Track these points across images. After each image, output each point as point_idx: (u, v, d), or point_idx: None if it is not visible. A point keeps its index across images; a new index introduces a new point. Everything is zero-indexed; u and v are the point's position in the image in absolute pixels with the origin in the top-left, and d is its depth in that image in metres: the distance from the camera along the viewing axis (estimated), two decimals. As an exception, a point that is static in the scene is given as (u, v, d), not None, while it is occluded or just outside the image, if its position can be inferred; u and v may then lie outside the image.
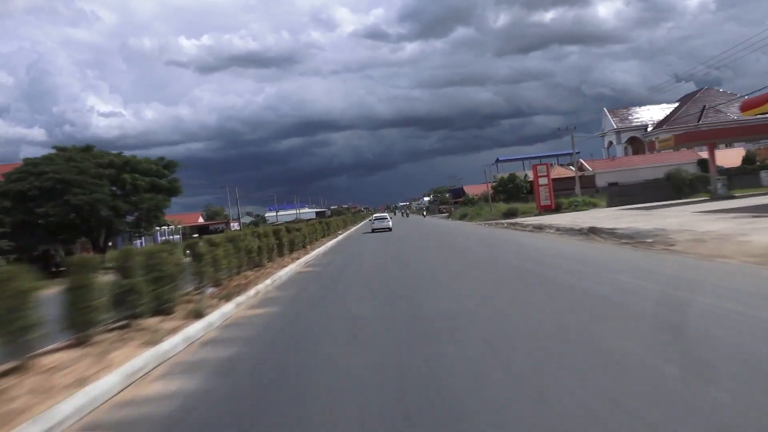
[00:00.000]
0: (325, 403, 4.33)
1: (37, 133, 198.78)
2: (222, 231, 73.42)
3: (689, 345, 4.97)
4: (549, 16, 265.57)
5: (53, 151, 28.45)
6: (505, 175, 63.26)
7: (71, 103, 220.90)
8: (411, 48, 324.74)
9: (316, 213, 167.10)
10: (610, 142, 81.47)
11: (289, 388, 4.81)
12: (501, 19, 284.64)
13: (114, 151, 29.46)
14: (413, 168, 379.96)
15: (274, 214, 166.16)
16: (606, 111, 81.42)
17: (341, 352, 5.96)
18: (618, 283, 8.92)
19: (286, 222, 57.09)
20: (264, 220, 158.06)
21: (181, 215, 76.51)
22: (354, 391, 4.53)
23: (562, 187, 60.56)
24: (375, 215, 55.30)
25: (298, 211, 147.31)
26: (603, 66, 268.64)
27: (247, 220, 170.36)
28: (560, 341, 5.47)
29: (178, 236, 69.05)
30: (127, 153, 30.38)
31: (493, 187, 62.28)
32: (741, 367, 4.23)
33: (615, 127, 79.45)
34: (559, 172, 63.75)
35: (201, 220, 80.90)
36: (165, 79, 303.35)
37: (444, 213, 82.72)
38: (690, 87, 76.14)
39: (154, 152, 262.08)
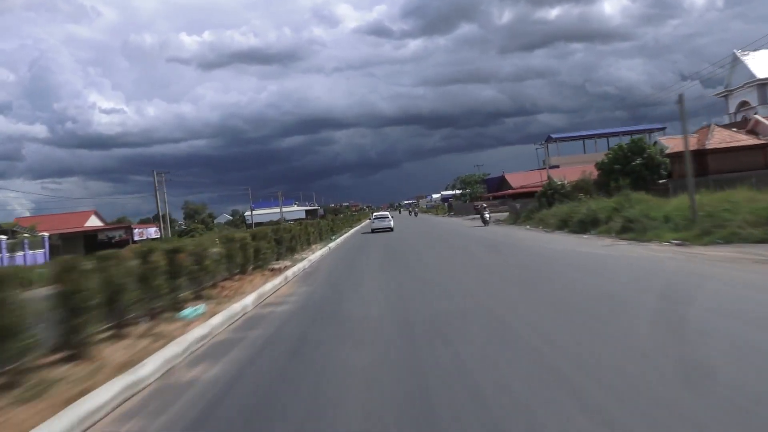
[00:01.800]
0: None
1: (39, 130, 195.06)
2: (117, 243, 43.40)
3: None
4: (554, 12, 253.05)
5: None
6: (622, 145, 33.00)
7: (73, 100, 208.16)
8: (414, 45, 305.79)
9: (307, 212, 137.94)
10: (744, 103, 51.40)
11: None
12: (505, 15, 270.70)
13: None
14: (417, 166, 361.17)
15: (257, 212, 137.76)
16: (738, 55, 51.21)
17: None
18: None
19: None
20: (243, 220, 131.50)
21: (65, 215, 46.37)
22: None
23: (736, 163, 30.68)
24: (375, 214, 47.93)
25: (281, 210, 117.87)
26: (608, 64, 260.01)
27: (223, 219, 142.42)
28: None
29: (35, 253, 39.02)
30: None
31: (601, 166, 32.25)
32: None
33: (756, 77, 49.29)
34: (722, 137, 33.50)
35: (96, 221, 50.31)
36: (166, 76, 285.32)
37: (486, 213, 52.37)
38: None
39: (157, 150, 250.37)
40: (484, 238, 23.57)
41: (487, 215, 30.64)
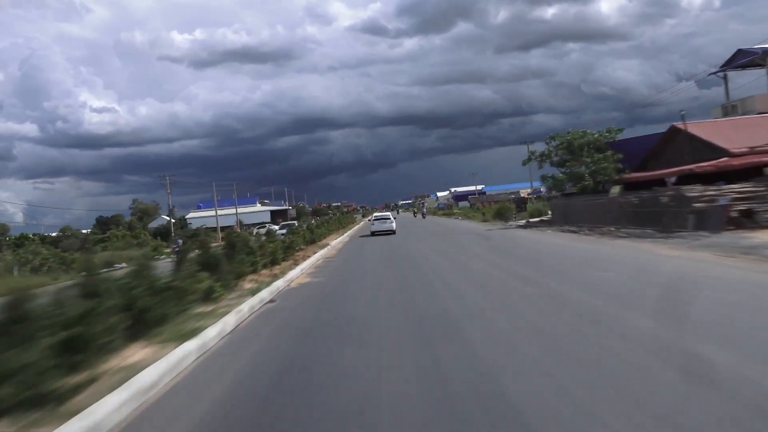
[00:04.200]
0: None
1: (29, 129, 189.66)
2: None
3: None
4: (551, 11, 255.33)
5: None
6: None
7: (63, 99, 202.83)
8: (410, 44, 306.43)
9: (273, 213, 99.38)
10: None
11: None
12: (501, 14, 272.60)
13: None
14: (414, 167, 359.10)
15: (201, 215, 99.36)
16: None
17: None
18: None
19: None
20: (183, 225, 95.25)
21: None
22: None
23: None
24: (375, 215, 39.70)
25: (216, 211, 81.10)
26: (605, 64, 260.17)
27: (154, 224, 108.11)
28: None
29: None
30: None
31: None
32: None
33: None
34: None
35: None
36: (158, 75, 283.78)
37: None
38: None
39: (150, 149, 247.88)
40: None
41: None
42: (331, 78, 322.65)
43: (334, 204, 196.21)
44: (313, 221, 58.25)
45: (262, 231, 42.04)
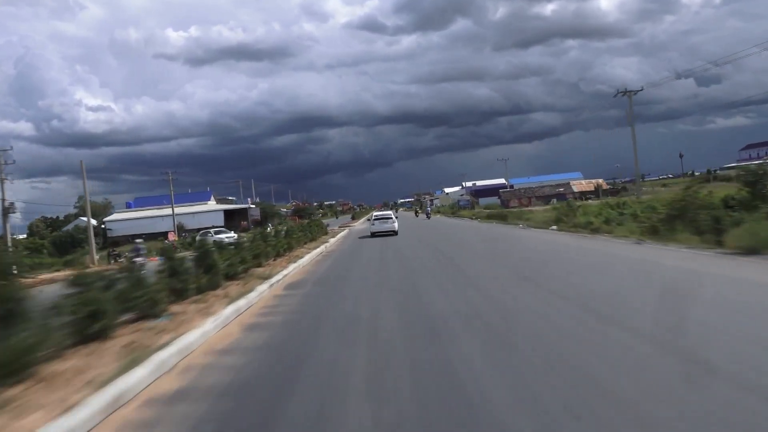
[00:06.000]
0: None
1: (25, 128, 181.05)
2: None
3: None
4: (550, 7, 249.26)
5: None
6: None
7: (58, 98, 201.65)
8: (407, 41, 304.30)
9: (227, 214, 71.26)
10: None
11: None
12: (500, 11, 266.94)
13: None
14: (411, 166, 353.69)
15: (129, 216, 67.76)
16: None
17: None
18: None
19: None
20: (101, 233, 64.11)
21: None
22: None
23: None
24: (375, 214, 36.34)
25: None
26: (603, 62, 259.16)
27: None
28: None
29: None
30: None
31: None
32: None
33: None
34: None
35: None
36: (154, 73, 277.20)
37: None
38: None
39: (146, 148, 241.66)
40: None
41: None
42: (328, 76, 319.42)
43: (327, 203, 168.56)
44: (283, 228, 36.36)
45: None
